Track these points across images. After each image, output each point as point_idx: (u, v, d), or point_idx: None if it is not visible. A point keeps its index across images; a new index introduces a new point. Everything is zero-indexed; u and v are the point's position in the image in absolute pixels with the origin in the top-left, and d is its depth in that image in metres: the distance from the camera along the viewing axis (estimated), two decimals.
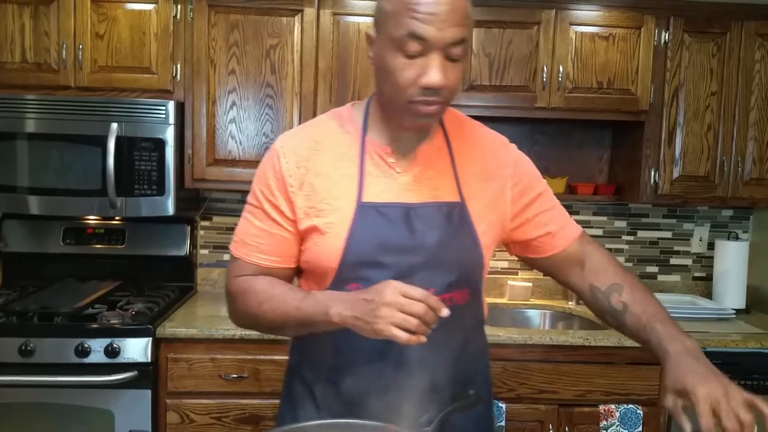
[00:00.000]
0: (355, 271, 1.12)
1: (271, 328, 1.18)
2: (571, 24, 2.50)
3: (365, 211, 1.13)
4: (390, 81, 1.06)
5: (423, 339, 0.96)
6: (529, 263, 1.34)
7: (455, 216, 1.16)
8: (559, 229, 1.27)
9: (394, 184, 1.16)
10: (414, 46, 1.02)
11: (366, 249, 1.12)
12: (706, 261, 2.99)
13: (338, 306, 1.03)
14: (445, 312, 0.97)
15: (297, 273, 1.24)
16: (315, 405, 1.21)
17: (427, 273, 1.12)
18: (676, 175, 2.59)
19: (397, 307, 0.95)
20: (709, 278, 2.94)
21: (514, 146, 1.29)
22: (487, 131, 1.29)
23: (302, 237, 1.17)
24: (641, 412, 2.24)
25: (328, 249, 1.13)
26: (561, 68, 2.49)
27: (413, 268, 1.12)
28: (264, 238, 1.17)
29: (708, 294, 2.90)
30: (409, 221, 1.14)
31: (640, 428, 2.24)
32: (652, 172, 2.59)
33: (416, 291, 0.97)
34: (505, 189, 1.22)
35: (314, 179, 1.15)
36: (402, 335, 0.95)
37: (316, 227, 1.13)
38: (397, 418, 1.05)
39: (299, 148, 1.17)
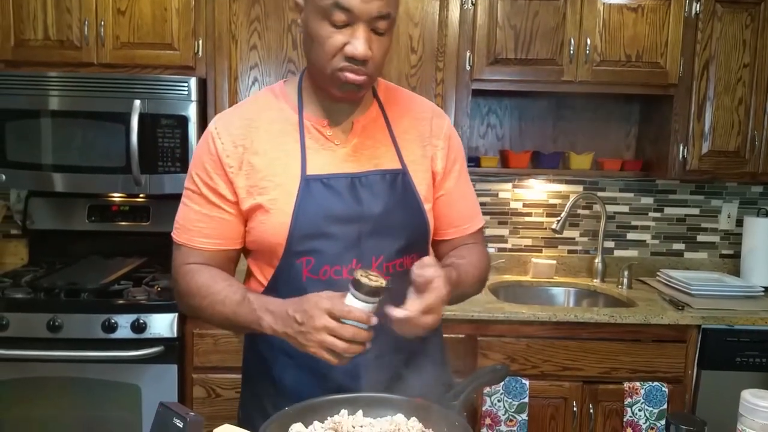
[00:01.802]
0: (303, 244, 1.12)
1: (214, 323, 1.18)
2: None
3: (310, 183, 1.13)
4: (316, 49, 1.07)
5: (359, 350, 0.98)
6: None
7: (398, 183, 1.18)
8: (459, 218, 1.29)
9: (334, 157, 1.16)
10: (340, 16, 1.02)
11: (313, 221, 1.12)
12: (734, 238, 2.94)
13: (269, 319, 1.04)
14: (373, 320, 0.97)
15: (245, 253, 1.24)
16: (272, 381, 1.21)
17: (375, 241, 1.14)
18: (705, 150, 2.53)
19: (327, 332, 0.96)
20: (737, 256, 2.89)
21: (449, 119, 1.31)
22: (422, 99, 1.30)
23: (246, 217, 1.17)
24: (666, 390, 2.22)
25: (274, 225, 1.12)
26: (588, 41, 2.43)
27: (361, 237, 1.13)
28: (205, 221, 1.17)
29: (736, 272, 2.85)
30: (354, 191, 1.14)
31: (665, 405, 2.22)
32: (681, 148, 2.53)
33: (343, 309, 0.97)
34: (437, 159, 1.24)
35: (252, 157, 1.14)
36: (332, 359, 0.98)
37: (260, 205, 1.13)
38: (357, 385, 1.08)
39: (234, 127, 1.16)
